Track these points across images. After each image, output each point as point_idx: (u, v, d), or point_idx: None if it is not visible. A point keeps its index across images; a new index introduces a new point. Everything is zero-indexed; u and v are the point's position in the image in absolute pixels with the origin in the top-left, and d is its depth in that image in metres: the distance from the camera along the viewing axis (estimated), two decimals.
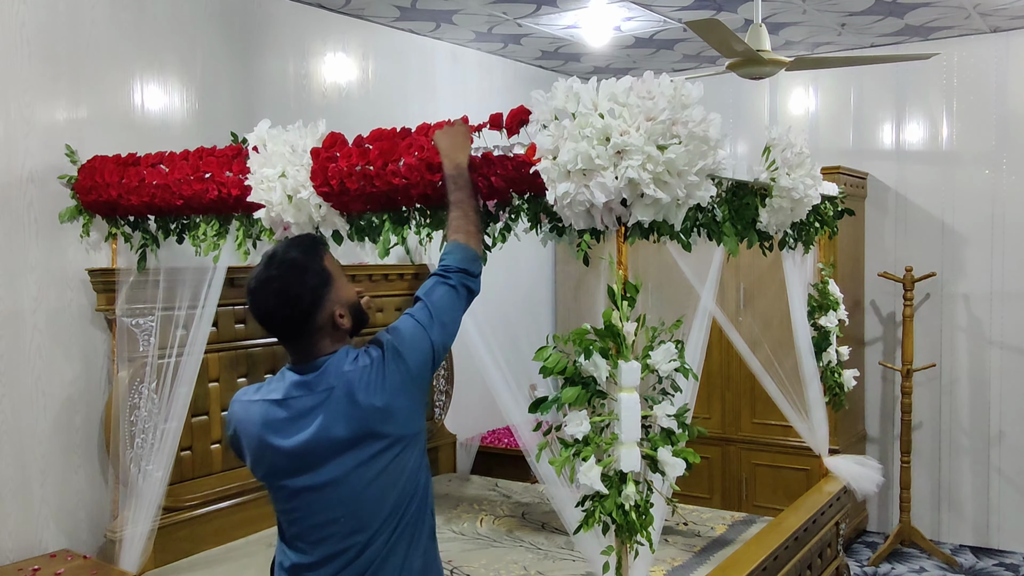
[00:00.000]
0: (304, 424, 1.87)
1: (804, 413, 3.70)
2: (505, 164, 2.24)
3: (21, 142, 3.21)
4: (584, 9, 4.49)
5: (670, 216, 2.12)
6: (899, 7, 4.55)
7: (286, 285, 1.88)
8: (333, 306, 1.91)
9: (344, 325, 1.94)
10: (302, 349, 1.93)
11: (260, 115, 3.30)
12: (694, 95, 2.05)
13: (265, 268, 1.91)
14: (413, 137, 2.45)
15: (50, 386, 3.29)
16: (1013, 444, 5.18)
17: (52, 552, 3.25)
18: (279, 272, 1.89)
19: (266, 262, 1.93)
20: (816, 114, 5.73)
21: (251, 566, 3.39)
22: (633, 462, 2.09)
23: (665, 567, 3.30)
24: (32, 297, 3.24)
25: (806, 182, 3.00)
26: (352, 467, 1.86)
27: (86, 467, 3.40)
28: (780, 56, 3.61)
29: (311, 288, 1.88)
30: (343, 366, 1.89)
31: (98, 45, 3.44)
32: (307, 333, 1.91)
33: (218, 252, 3.07)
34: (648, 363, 2.19)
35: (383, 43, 4.79)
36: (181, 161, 2.99)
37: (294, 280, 1.88)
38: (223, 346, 3.72)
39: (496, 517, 4.01)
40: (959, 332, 5.32)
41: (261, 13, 4.11)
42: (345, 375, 1.87)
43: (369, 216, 2.70)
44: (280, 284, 1.88)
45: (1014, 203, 5.13)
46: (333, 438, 1.86)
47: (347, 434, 1.86)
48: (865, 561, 5.06)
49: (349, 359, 1.90)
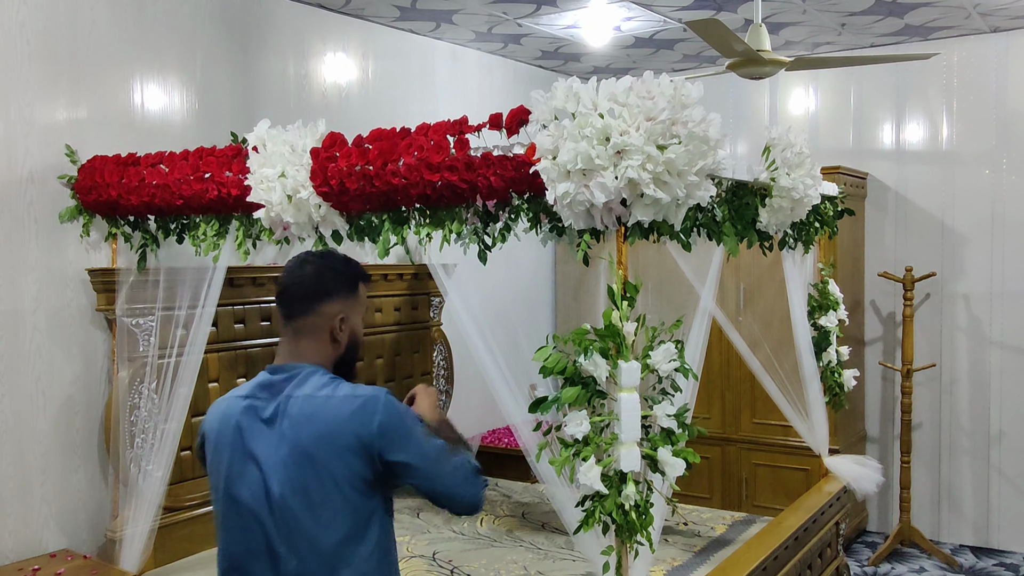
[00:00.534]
0: (255, 426, 1.86)
1: (804, 413, 3.70)
2: (505, 164, 2.24)
3: (21, 142, 3.21)
4: (584, 9, 4.49)
5: (670, 216, 2.12)
6: (899, 7, 4.55)
7: (322, 267, 1.95)
8: (340, 316, 1.93)
9: (337, 338, 1.94)
10: (290, 341, 1.94)
11: (260, 115, 3.30)
12: (694, 95, 2.05)
13: (317, 254, 2.01)
14: (413, 137, 2.45)
15: (50, 386, 3.29)
16: (1013, 444, 5.17)
17: (52, 552, 3.25)
18: (324, 258, 1.99)
19: (322, 251, 2.05)
20: (816, 114, 5.73)
21: None
22: (633, 462, 2.09)
23: (665, 567, 3.30)
24: (32, 297, 3.24)
25: (806, 182, 3.00)
26: (282, 480, 1.80)
27: (86, 467, 3.40)
28: (780, 56, 3.61)
29: (335, 284, 1.94)
30: (311, 385, 1.85)
31: (98, 45, 3.44)
32: (303, 317, 1.92)
33: (218, 252, 3.07)
34: (648, 363, 2.20)
35: (383, 43, 4.79)
36: (181, 161, 2.99)
37: (331, 268, 1.96)
38: (223, 346, 3.72)
39: (496, 517, 4.01)
40: (959, 332, 5.32)
41: (261, 13, 4.11)
42: (308, 397, 1.83)
43: (369, 216, 2.70)
44: (318, 265, 1.96)
45: (1014, 203, 5.13)
46: (272, 446, 1.83)
47: (287, 448, 1.81)
48: (865, 561, 5.06)
49: (323, 381, 1.86)
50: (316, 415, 1.81)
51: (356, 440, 1.79)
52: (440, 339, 4.81)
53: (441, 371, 4.84)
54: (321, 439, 1.80)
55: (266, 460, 1.83)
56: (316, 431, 1.80)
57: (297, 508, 1.80)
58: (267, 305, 3.92)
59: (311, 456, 1.79)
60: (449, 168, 2.32)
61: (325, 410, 1.82)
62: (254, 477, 1.83)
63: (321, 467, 1.79)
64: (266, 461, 1.82)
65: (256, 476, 1.83)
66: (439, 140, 2.36)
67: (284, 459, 1.81)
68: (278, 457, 1.81)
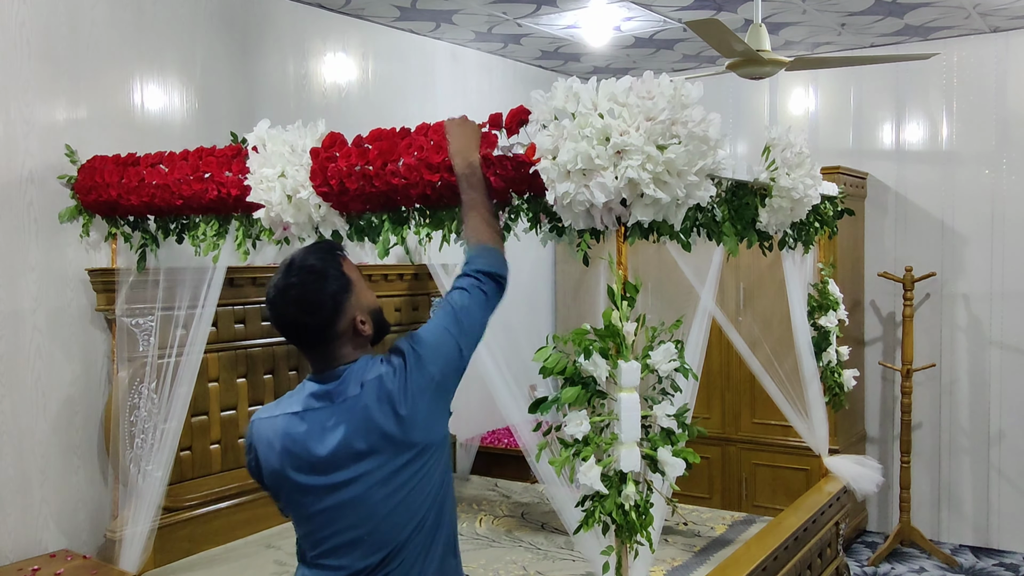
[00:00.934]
0: (325, 436, 1.80)
1: (804, 413, 3.70)
2: (505, 164, 2.24)
3: (21, 142, 3.21)
4: (584, 9, 4.49)
5: (670, 216, 2.11)
6: (899, 7, 4.55)
7: (305, 292, 1.82)
8: (354, 312, 1.87)
9: (365, 332, 1.89)
10: (323, 357, 1.88)
11: (260, 115, 3.30)
12: (694, 95, 2.04)
13: (284, 276, 1.85)
14: (412, 137, 2.45)
15: (50, 386, 3.29)
16: (1013, 444, 5.17)
17: (52, 552, 3.25)
18: (298, 279, 1.83)
19: (284, 270, 1.87)
20: (816, 114, 5.73)
21: (251, 566, 3.39)
22: (633, 462, 2.09)
23: (665, 567, 3.30)
24: (32, 297, 3.24)
25: (806, 182, 3.00)
26: (377, 480, 1.80)
27: (86, 467, 3.40)
28: (780, 56, 3.61)
29: (331, 295, 1.83)
30: (365, 375, 1.83)
31: (98, 45, 3.44)
32: (328, 341, 1.85)
33: (218, 252, 3.07)
34: (648, 363, 2.19)
35: (383, 43, 4.78)
36: (181, 161, 2.99)
37: (314, 287, 1.82)
38: (223, 346, 3.72)
39: (496, 517, 4.01)
40: (959, 332, 5.32)
41: (261, 13, 4.11)
42: (367, 384, 1.81)
43: (368, 216, 2.70)
44: (299, 292, 1.83)
45: (1014, 203, 5.13)
46: (355, 450, 1.79)
47: (368, 446, 1.79)
48: (865, 561, 5.06)
49: (371, 367, 1.84)
50: (392, 392, 1.81)
51: (430, 383, 1.86)
52: None
53: None
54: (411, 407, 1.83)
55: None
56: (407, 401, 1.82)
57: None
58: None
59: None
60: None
61: (393, 384, 1.82)
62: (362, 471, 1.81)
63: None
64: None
65: (364, 468, 1.80)
66: (439, 140, 2.36)
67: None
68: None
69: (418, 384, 1.84)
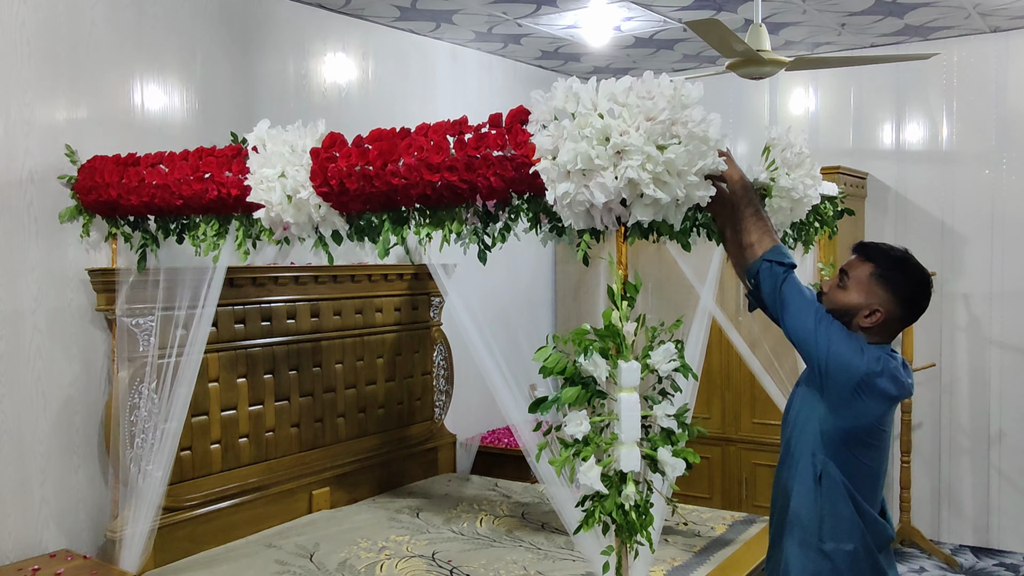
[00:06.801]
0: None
1: None
2: (505, 164, 2.24)
3: (21, 142, 3.21)
4: (584, 9, 4.50)
5: (670, 216, 2.12)
6: (899, 7, 4.55)
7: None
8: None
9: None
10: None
11: (260, 115, 3.31)
12: (694, 95, 2.04)
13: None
14: (412, 137, 2.45)
15: (50, 386, 3.29)
16: (1013, 444, 5.18)
17: (52, 552, 3.25)
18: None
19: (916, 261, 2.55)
20: (816, 114, 5.73)
21: (251, 566, 3.39)
22: (633, 462, 2.09)
23: (665, 567, 3.30)
24: (32, 297, 3.24)
25: (806, 182, 3.00)
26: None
27: (86, 467, 3.40)
28: (780, 56, 3.61)
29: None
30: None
31: (98, 45, 3.44)
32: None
33: (218, 252, 3.07)
34: (648, 363, 2.19)
35: (383, 43, 4.79)
36: (181, 161, 2.99)
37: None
38: (223, 346, 3.72)
39: (496, 517, 4.01)
40: (959, 332, 5.32)
41: (261, 13, 4.11)
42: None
43: (368, 216, 2.70)
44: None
45: (1014, 203, 5.13)
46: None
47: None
48: None
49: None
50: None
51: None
52: (440, 339, 4.81)
53: (441, 371, 4.84)
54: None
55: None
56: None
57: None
58: (267, 305, 3.92)
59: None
60: (449, 168, 2.32)
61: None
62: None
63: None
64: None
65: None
66: (439, 140, 2.36)
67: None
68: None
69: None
